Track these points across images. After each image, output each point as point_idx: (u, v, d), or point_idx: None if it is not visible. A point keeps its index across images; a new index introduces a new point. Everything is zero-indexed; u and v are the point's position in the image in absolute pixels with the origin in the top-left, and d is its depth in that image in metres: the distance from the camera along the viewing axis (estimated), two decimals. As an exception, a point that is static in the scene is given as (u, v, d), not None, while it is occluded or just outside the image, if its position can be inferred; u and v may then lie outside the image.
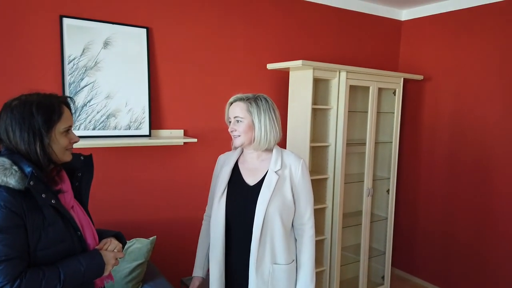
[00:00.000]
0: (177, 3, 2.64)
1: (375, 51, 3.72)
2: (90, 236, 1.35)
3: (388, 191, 3.51)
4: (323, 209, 3.13)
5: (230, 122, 1.66)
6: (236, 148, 1.72)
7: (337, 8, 3.41)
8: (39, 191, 1.18)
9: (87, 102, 2.39)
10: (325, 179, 3.10)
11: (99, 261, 1.29)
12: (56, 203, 1.23)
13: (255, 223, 1.56)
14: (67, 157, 1.30)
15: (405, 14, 3.84)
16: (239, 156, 1.74)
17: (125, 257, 2.08)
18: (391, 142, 3.45)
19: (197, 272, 1.80)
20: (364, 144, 3.24)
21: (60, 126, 1.24)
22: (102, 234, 1.44)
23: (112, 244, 1.38)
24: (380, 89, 3.47)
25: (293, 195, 1.65)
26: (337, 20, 3.43)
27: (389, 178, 3.48)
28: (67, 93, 2.33)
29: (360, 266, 3.31)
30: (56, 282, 1.17)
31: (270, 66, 2.95)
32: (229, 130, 1.65)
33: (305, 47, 3.28)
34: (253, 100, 1.61)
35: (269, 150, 1.68)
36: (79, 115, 2.37)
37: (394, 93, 3.41)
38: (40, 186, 1.18)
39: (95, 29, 2.40)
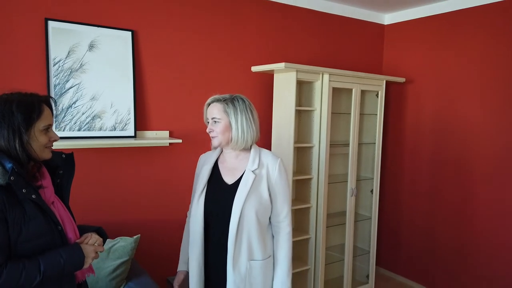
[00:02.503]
0: (162, 7, 2.70)
1: (359, 54, 3.80)
2: (70, 231, 1.39)
3: (372, 191, 3.58)
4: (307, 209, 3.19)
5: (208, 122, 1.72)
6: (215, 148, 1.76)
7: (321, 12, 3.49)
8: (20, 186, 1.22)
9: (72, 104, 2.43)
10: (309, 179, 3.16)
11: (79, 254, 1.33)
12: (36, 198, 1.27)
13: (232, 221, 1.61)
14: (47, 155, 1.34)
15: (387, 18, 3.93)
16: (219, 155, 1.79)
17: (109, 255, 2.12)
18: (375, 143, 3.53)
19: (182, 266, 1.83)
20: (348, 145, 3.31)
21: (40, 124, 1.29)
22: (84, 229, 1.48)
23: (92, 238, 1.42)
24: (363, 92, 3.55)
25: (270, 194, 1.70)
26: (321, 24, 3.50)
27: (373, 179, 3.55)
28: (52, 95, 2.36)
29: (344, 265, 3.37)
30: (36, 274, 1.21)
31: (254, 68, 3.01)
32: (207, 130, 1.70)
33: (290, 50, 3.35)
34: (229, 101, 1.66)
35: (247, 149, 1.73)
36: (64, 116, 2.41)
37: (377, 95, 3.49)
38: (20, 181, 1.22)
39: (80, 32, 2.44)
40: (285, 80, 2.99)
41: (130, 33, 2.61)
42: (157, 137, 2.72)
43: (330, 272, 3.57)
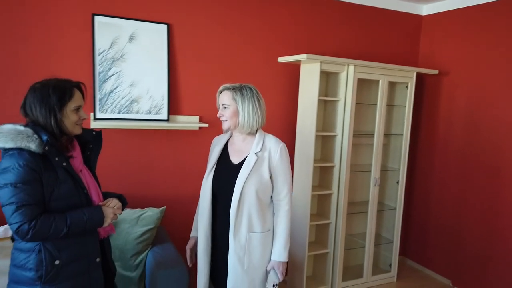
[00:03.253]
0: (195, 1, 2.93)
1: (392, 45, 3.80)
2: (95, 195, 1.67)
3: (398, 182, 3.61)
4: (329, 195, 3.31)
5: (219, 108, 1.92)
6: (225, 131, 1.96)
7: (354, 4, 3.53)
8: (53, 155, 1.51)
9: (114, 89, 2.75)
10: (332, 167, 3.28)
11: (99, 214, 1.61)
12: (66, 166, 1.56)
13: (233, 196, 1.81)
14: (77, 131, 1.63)
15: (426, 9, 3.87)
16: (229, 138, 2.00)
17: (138, 222, 2.42)
18: (403, 135, 3.54)
19: (193, 233, 2.08)
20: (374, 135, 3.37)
21: (71, 105, 1.56)
22: (108, 195, 1.76)
23: (113, 202, 1.70)
24: (393, 83, 3.57)
25: (271, 175, 1.87)
26: (352, 16, 3.55)
27: (399, 170, 3.58)
28: (97, 81, 2.70)
29: (365, 252, 3.46)
30: (63, 226, 1.50)
31: (280, 59, 3.16)
32: (218, 115, 1.90)
33: (318, 42, 3.44)
34: (238, 89, 1.85)
35: (253, 134, 1.91)
36: (107, 100, 2.74)
37: (407, 87, 3.49)
38: (53, 151, 1.51)
39: (122, 25, 2.75)
40: (310, 71, 3.11)
41: (165, 26, 2.87)
42: (188, 121, 2.98)
43: (352, 258, 3.68)
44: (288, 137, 3.40)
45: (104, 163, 2.77)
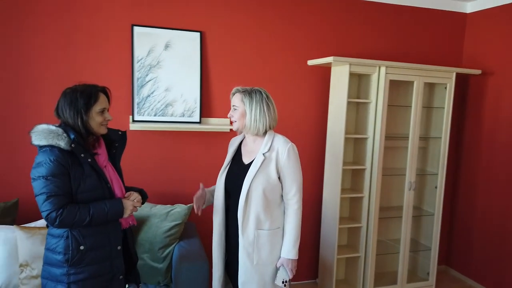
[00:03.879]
0: (226, 11, 3.07)
1: (434, 45, 3.67)
2: (117, 189, 1.85)
3: (436, 187, 3.47)
4: (360, 199, 3.28)
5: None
6: (236, 130, 2.03)
7: (391, 4, 3.47)
8: (79, 152, 1.70)
9: (150, 94, 2.97)
10: (363, 169, 3.25)
11: (120, 205, 1.77)
12: (91, 162, 1.74)
13: (241, 194, 1.89)
14: (102, 131, 1.81)
15: (470, 6, 3.69)
16: (243, 139, 2.09)
17: (167, 218, 2.59)
18: (441, 138, 3.41)
19: (204, 189, 2.11)
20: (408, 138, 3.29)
21: (96, 108, 1.75)
22: (130, 189, 1.93)
23: (133, 196, 1.86)
24: (431, 84, 3.47)
25: (280, 175, 1.93)
26: (389, 17, 3.49)
27: (438, 174, 3.44)
28: (135, 87, 2.93)
29: (399, 258, 3.37)
30: (86, 215, 1.68)
31: (310, 62, 3.20)
32: (228, 115, 2.00)
33: (356, 44, 3.42)
34: (248, 93, 1.94)
35: (263, 135, 1.98)
36: (144, 103, 2.96)
37: (446, 88, 3.36)
38: (79, 148, 1.70)
39: (158, 35, 2.96)
40: (339, 73, 3.12)
41: (198, 34, 3.04)
42: (219, 124, 3.12)
43: (388, 264, 3.59)
44: (319, 140, 3.42)
45: (140, 162, 3.00)
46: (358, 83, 3.36)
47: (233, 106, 1.97)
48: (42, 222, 2.48)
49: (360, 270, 3.30)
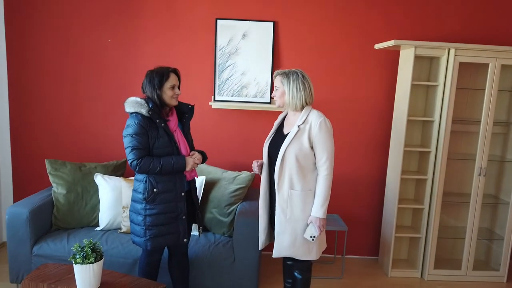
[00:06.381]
0: (298, 0, 3.38)
1: (524, 25, 3.42)
2: (183, 148, 2.37)
3: (515, 175, 3.29)
4: (424, 181, 3.31)
5: None
6: (278, 106, 2.36)
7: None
8: (155, 118, 2.25)
9: (229, 77, 3.47)
10: (428, 152, 3.27)
11: (183, 161, 2.29)
12: (164, 126, 2.29)
13: (278, 159, 2.24)
14: (174, 103, 2.34)
15: None
16: (287, 114, 2.43)
17: (233, 181, 3.06)
18: (523, 124, 3.22)
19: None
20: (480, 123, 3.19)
21: (167, 84, 2.28)
22: (195, 150, 2.44)
23: (195, 155, 2.37)
24: (507, 66, 3.27)
25: (312, 144, 2.23)
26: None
27: (518, 162, 3.26)
28: (217, 72, 3.45)
29: (465, 245, 3.31)
30: (158, 165, 2.23)
31: (376, 46, 3.32)
32: (272, 95, 2.36)
33: (432, 24, 3.41)
34: (286, 74, 2.26)
35: (301, 110, 2.29)
36: (223, 86, 3.48)
37: (530, 70, 3.15)
38: (155, 115, 2.25)
39: (237, 26, 3.43)
40: (406, 56, 3.19)
41: (272, 23, 3.42)
42: (288, 104, 3.47)
43: (453, 249, 3.55)
44: (386, 123, 3.53)
45: (218, 134, 3.54)
46: (430, 65, 3.36)
47: (275, 86, 2.31)
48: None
49: (420, 250, 3.35)
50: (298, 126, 2.23)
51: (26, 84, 3.49)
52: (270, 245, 2.51)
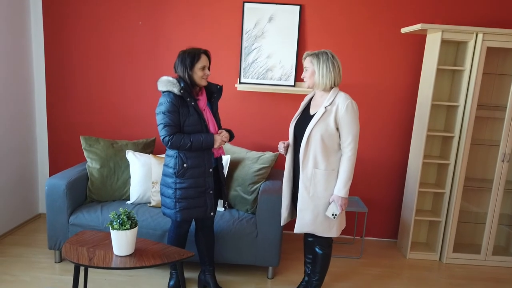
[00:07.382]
0: (325, -16, 3.41)
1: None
2: (212, 126, 2.48)
3: (540, 162, 3.27)
4: (446, 165, 3.34)
5: None
6: (307, 87, 2.44)
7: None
8: (186, 96, 2.37)
9: (255, 60, 3.55)
10: (451, 137, 3.29)
11: (211, 138, 2.41)
12: (194, 104, 2.40)
13: (303, 138, 2.33)
14: (203, 83, 2.44)
15: None
16: (313, 95, 2.50)
17: (257, 161, 3.17)
18: (550, 110, 3.18)
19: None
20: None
21: (198, 65, 2.38)
22: (223, 129, 2.55)
23: (222, 133, 2.48)
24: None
25: (337, 126, 2.29)
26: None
27: (543, 149, 3.24)
28: (243, 54, 3.53)
29: (485, 231, 3.34)
30: (188, 142, 2.35)
31: (403, 30, 3.33)
32: (301, 76, 2.42)
33: (461, 8, 3.39)
34: (315, 55, 2.32)
35: (329, 91, 2.36)
36: (249, 68, 3.56)
37: (561, 56, 3.10)
38: (186, 94, 2.36)
39: (264, 9, 3.49)
40: (432, 40, 3.19)
41: (298, 7, 3.47)
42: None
43: (473, 234, 3.57)
44: (410, 106, 3.55)
45: (243, 115, 3.64)
46: (456, 50, 3.35)
47: (304, 67, 2.38)
48: (168, 154, 3.33)
49: (439, 234, 3.40)
50: (325, 107, 2.30)
51: (62, 65, 3.67)
52: (291, 224, 2.62)
